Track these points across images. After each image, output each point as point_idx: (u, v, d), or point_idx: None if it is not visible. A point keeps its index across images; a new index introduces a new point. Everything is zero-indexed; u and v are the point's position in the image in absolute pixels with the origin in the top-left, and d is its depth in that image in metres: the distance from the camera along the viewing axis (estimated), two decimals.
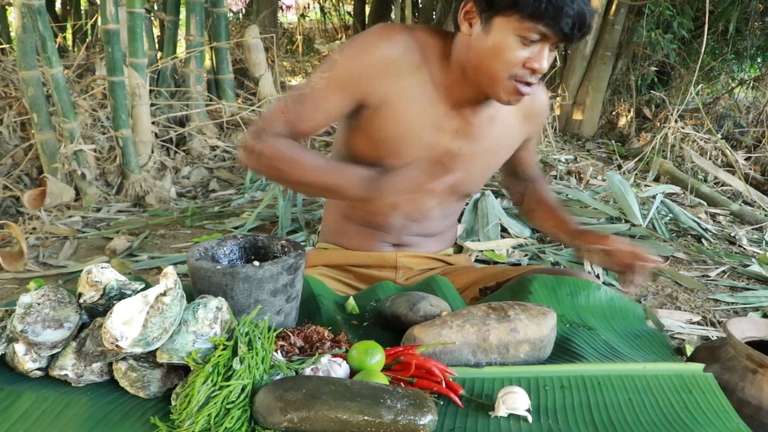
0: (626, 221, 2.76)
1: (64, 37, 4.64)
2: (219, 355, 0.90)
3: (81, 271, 2.35)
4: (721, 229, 2.96)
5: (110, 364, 0.96)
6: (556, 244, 2.56)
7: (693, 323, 1.93)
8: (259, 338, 0.95)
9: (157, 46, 4.77)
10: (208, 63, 4.67)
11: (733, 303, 2.10)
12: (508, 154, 1.43)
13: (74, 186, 3.12)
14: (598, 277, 2.23)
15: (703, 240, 2.78)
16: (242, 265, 1.07)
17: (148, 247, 2.61)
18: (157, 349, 0.93)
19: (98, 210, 3.05)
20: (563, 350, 1.10)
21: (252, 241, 1.24)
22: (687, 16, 5.70)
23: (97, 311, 1.04)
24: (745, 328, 1.14)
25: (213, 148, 4.33)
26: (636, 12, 5.82)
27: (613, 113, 6.14)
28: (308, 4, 9.87)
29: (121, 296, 1.03)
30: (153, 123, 3.93)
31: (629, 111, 5.97)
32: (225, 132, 4.50)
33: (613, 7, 5.69)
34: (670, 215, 2.91)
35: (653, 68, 5.93)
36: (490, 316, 1.04)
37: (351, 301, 1.28)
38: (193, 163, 4.14)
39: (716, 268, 2.40)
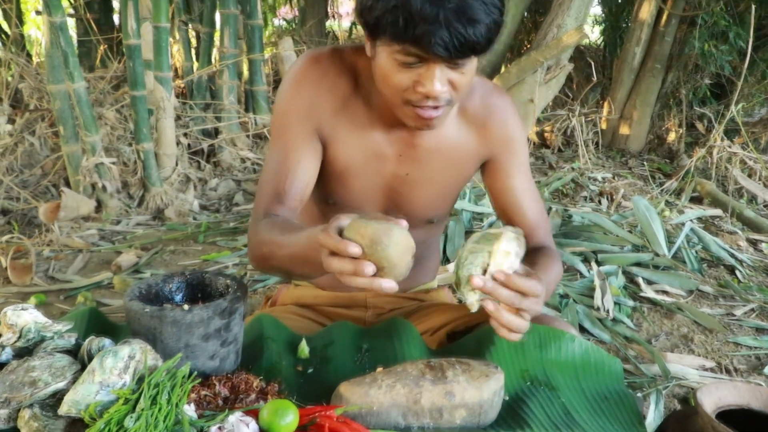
0: (651, 250, 2.59)
1: (107, 48, 4.75)
2: (116, 410, 0.84)
3: (85, 287, 2.38)
4: (760, 260, 2.75)
5: (19, 410, 0.93)
6: (571, 274, 2.42)
7: (706, 370, 1.77)
8: (168, 391, 0.89)
9: (193, 57, 4.84)
10: (246, 74, 4.70)
11: (755, 348, 1.92)
12: (466, 173, 1.29)
13: (96, 198, 3.18)
14: (608, 312, 2.10)
15: (738, 271, 2.59)
16: (171, 308, 1.03)
17: (156, 263, 2.61)
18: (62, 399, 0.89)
19: (118, 222, 3.09)
20: (512, 414, 1.01)
21: (200, 278, 1.19)
22: (746, 26, 5.41)
23: (27, 350, 1.01)
24: (722, 395, 1.02)
25: (243, 160, 4.35)
26: (689, 23, 5.56)
27: (663, 128, 5.88)
28: None
29: (41, 339, 1.00)
30: (185, 135, 3.97)
31: (679, 126, 5.70)
32: (256, 144, 4.52)
33: (664, 17, 5.46)
34: (702, 244, 2.73)
35: (706, 81, 5.65)
36: (425, 376, 0.95)
37: (303, 344, 1.21)
38: (222, 175, 4.16)
39: (744, 305, 2.22)
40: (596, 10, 7.62)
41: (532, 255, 1.22)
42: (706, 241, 2.70)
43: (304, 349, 1.20)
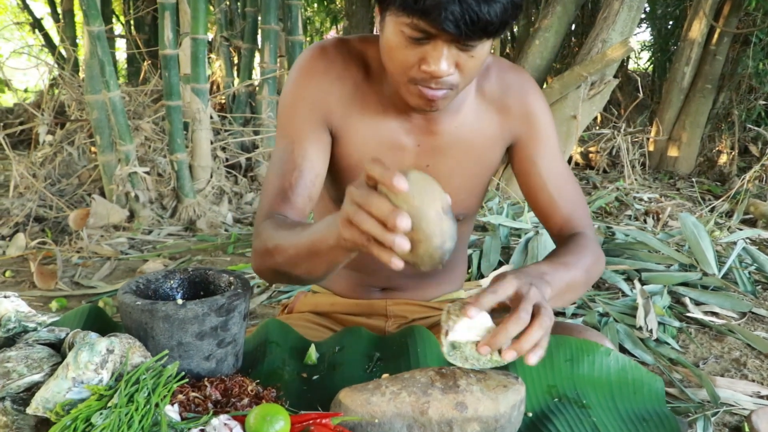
0: (700, 270, 2.42)
1: (150, 64, 4.83)
2: (86, 406, 0.77)
3: (107, 292, 2.35)
4: None
5: None
6: (612, 292, 2.28)
7: (761, 397, 1.61)
8: (148, 389, 0.81)
9: (234, 73, 4.88)
10: None
11: None
12: (491, 161, 1.18)
13: (129, 208, 3.17)
14: (651, 332, 1.95)
15: None
16: (163, 303, 0.95)
17: None
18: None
19: (149, 232, 3.07)
20: None
21: (202, 275, 1.12)
22: None
23: (11, 342, 0.95)
24: None
25: None
26: (742, 41, 5.36)
27: (714, 150, 5.64)
28: None
29: (24, 329, 0.94)
30: (223, 149, 3.97)
31: (732, 148, 5.46)
32: None
33: (715, 36, 5.27)
34: (756, 264, 2.54)
35: (761, 102, 5.40)
36: (434, 384, 0.85)
37: (311, 350, 1.12)
38: (258, 189, 4.14)
39: None
40: (645, 35, 7.44)
41: (559, 249, 1.11)
42: (761, 262, 2.51)
43: (311, 354, 1.11)
